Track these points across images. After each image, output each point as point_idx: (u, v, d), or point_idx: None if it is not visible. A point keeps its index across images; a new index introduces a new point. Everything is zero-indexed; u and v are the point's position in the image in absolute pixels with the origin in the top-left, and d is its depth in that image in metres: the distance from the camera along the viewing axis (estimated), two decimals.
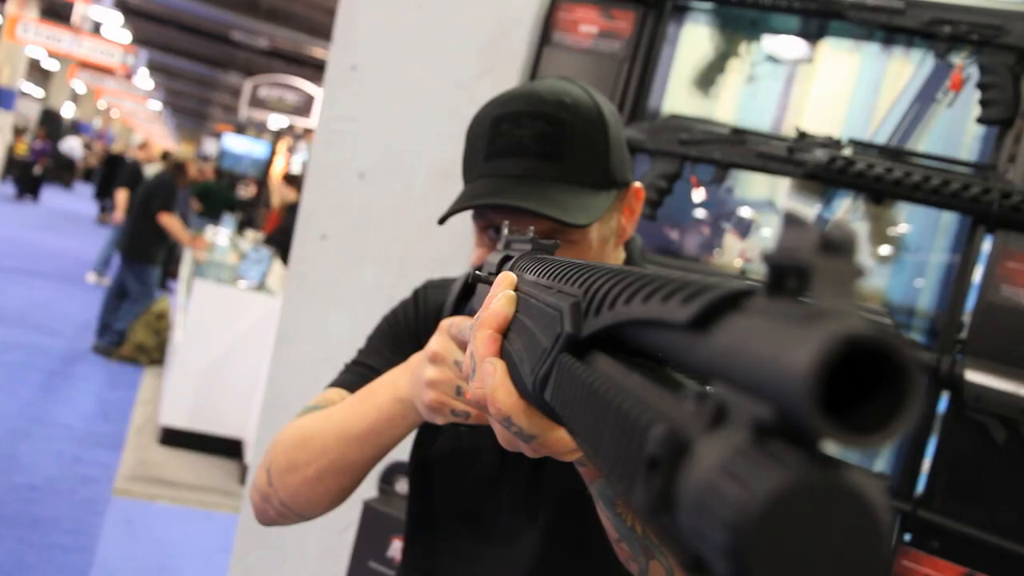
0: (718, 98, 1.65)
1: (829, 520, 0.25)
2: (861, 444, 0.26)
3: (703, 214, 1.61)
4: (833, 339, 0.25)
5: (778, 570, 0.25)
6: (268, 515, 1.08)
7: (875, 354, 0.26)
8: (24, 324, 6.76)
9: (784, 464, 0.26)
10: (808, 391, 0.25)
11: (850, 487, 0.25)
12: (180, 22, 15.10)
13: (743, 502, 0.25)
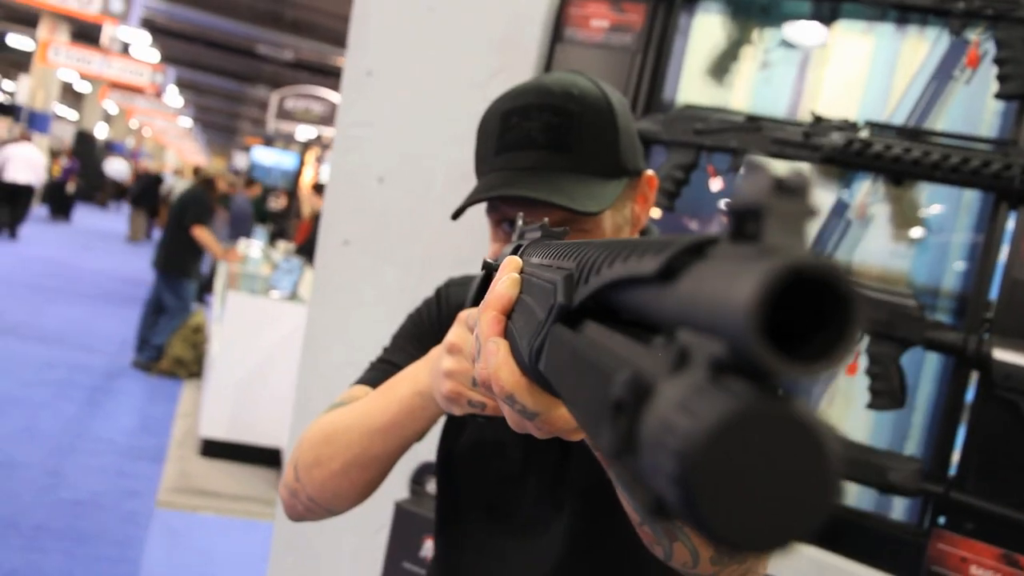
0: (732, 86, 1.65)
1: (775, 447, 0.26)
2: (807, 372, 0.26)
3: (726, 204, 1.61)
4: (774, 271, 0.25)
5: (725, 496, 0.26)
6: (297, 511, 1.10)
7: (818, 284, 0.26)
8: (65, 343, 6.90)
9: (732, 394, 0.26)
10: (751, 321, 0.25)
11: (797, 416, 0.26)
12: (206, 38, 15.32)
13: (690, 430, 0.26)
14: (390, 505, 1.75)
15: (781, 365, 0.26)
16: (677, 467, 0.26)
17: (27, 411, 5.08)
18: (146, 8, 13.03)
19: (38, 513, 3.76)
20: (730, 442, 0.26)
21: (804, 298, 0.27)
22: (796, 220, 0.28)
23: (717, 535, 0.26)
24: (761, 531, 0.26)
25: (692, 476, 0.26)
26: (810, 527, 0.26)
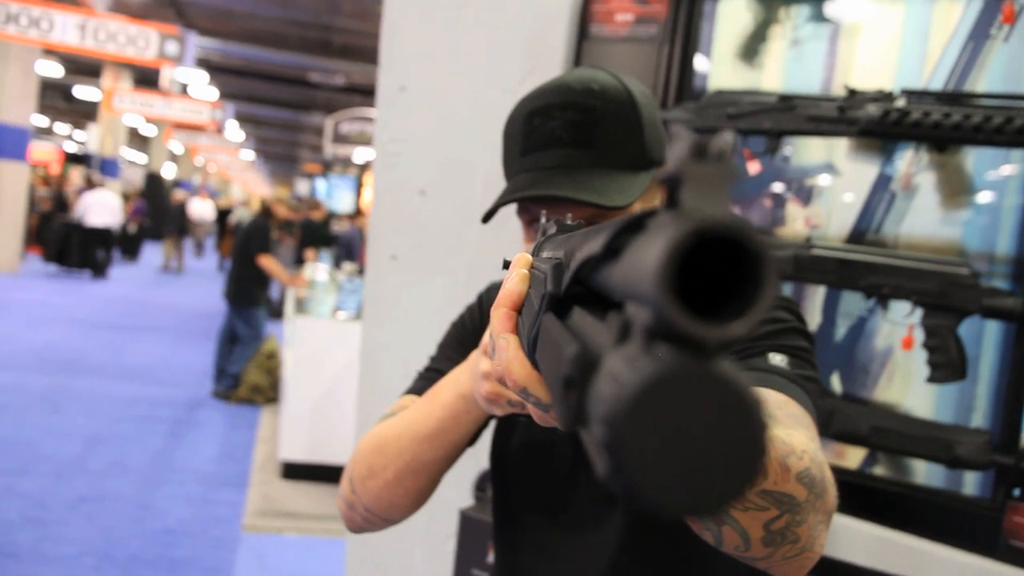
0: (763, 68, 1.62)
1: (699, 409, 0.26)
2: (722, 332, 0.27)
3: (780, 188, 1.59)
4: (676, 234, 0.26)
5: (651, 460, 0.26)
6: (356, 522, 1.12)
7: (729, 245, 0.27)
8: (146, 379, 7.16)
9: (655, 360, 0.27)
10: (659, 285, 0.26)
11: (719, 377, 0.26)
12: (260, 72, 15.72)
13: (614, 398, 0.26)
14: (457, 513, 1.77)
15: (695, 326, 0.26)
16: (604, 434, 0.27)
17: (115, 447, 5.28)
18: (200, 48, 13.45)
19: (131, 544, 3.91)
20: (651, 406, 0.26)
21: (723, 260, 0.27)
22: (716, 184, 0.29)
23: (646, 500, 0.26)
24: (691, 493, 0.26)
25: (617, 442, 0.26)
26: (740, 487, 0.27)
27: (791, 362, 0.95)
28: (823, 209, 1.56)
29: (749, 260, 0.27)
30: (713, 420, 0.27)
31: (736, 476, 0.27)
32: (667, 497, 0.26)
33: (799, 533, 0.76)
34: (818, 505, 0.77)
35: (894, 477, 1.50)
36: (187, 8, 12.28)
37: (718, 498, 0.27)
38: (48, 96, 18.43)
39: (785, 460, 0.74)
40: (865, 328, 1.52)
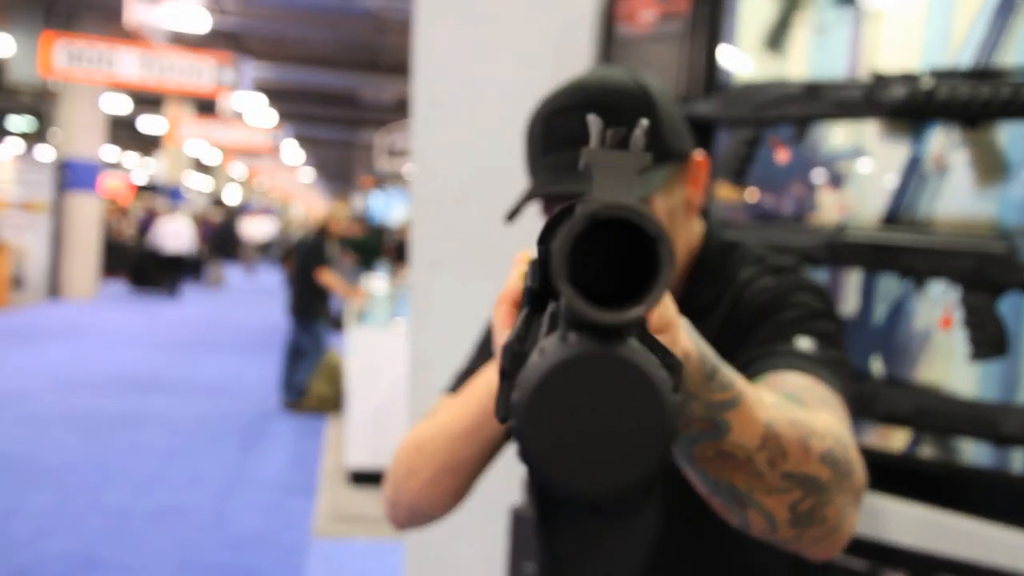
0: (788, 56, 1.63)
1: (603, 392, 0.26)
2: (621, 316, 0.27)
3: (811, 175, 1.60)
4: (574, 221, 0.27)
5: (558, 444, 0.26)
6: (399, 521, 1.16)
7: (628, 231, 0.27)
8: (218, 394, 7.39)
9: (562, 347, 0.27)
10: (556, 272, 0.27)
11: (620, 358, 0.26)
12: (314, 93, 16.03)
13: (521, 385, 0.27)
14: (508, 511, 1.81)
15: (590, 311, 0.27)
16: (517, 421, 0.27)
17: (191, 460, 5.48)
18: (256, 73, 13.80)
19: (208, 552, 4.06)
20: (553, 392, 0.26)
21: (628, 247, 0.29)
22: (623, 171, 0.30)
23: (556, 484, 0.27)
24: (599, 476, 0.26)
25: (523, 427, 0.27)
26: (649, 468, 0.27)
27: (819, 345, 0.97)
28: (855, 194, 1.56)
29: (647, 244, 0.28)
30: (618, 403, 0.26)
31: (644, 457, 0.27)
32: (575, 480, 0.26)
33: (827, 514, 0.77)
34: (844, 485, 0.78)
35: (941, 458, 1.49)
36: (242, 37, 12.62)
37: (628, 480, 0.27)
38: (115, 128, 19.11)
39: (806, 441, 0.75)
40: (903, 310, 1.52)
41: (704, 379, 0.69)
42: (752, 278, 1.08)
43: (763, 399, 0.76)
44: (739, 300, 1.07)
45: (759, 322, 1.03)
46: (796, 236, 1.55)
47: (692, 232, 1.11)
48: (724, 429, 0.71)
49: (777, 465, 0.74)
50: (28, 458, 5.30)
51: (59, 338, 9.83)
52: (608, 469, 0.27)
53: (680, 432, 0.72)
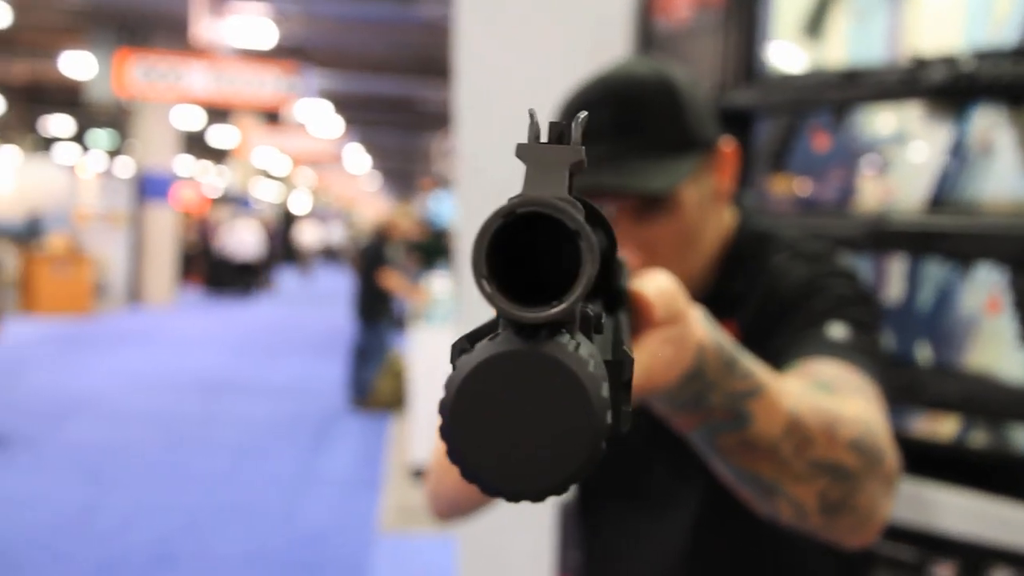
0: (827, 43, 1.62)
1: (525, 388, 0.26)
2: (543, 313, 0.26)
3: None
4: (491, 218, 0.27)
5: (482, 441, 0.26)
6: (441, 513, 1.17)
7: (546, 224, 0.26)
8: (287, 394, 7.60)
9: (489, 346, 0.27)
10: (475, 271, 0.27)
11: (542, 355, 0.26)
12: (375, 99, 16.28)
13: (448, 385, 0.27)
14: (557, 504, 1.84)
15: (512, 309, 0.27)
16: (442, 421, 0.27)
17: (261, 458, 5.65)
18: (321, 82, 14.10)
19: (278, 547, 4.19)
20: (475, 391, 0.26)
21: (556, 243, 0.28)
22: (556, 166, 0.29)
23: (482, 484, 0.26)
24: (526, 474, 0.26)
25: (447, 427, 0.27)
26: (577, 466, 0.26)
27: (853, 332, 0.96)
28: (898, 179, 1.55)
29: (570, 240, 0.27)
30: (543, 402, 0.26)
31: (571, 457, 0.26)
32: (501, 481, 0.26)
33: (858, 502, 0.77)
34: (875, 472, 0.77)
35: (992, 445, 1.47)
36: (306, 48, 12.90)
37: (556, 480, 0.26)
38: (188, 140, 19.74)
39: (832, 429, 0.75)
40: (949, 295, 1.50)
41: (723, 368, 0.69)
42: (784, 265, 1.08)
43: (787, 387, 0.76)
44: (772, 288, 1.07)
45: (791, 309, 1.03)
46: (837, 223, 1.54)
47: (723, 221, 1.11)
48: (746, 418, 0.72)
49: (803, 453, 0.74)
50: (109, 457, 5.54)
51: (139, 343, 10.22)
52: (534, 469, 0.26)
53: (708, 422, 0.73)
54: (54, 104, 16.79)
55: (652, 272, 0.67)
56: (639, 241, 1.03)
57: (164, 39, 12.12)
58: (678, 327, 0.64)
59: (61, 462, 5.40)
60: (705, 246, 1.08)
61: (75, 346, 9.74)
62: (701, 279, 1.09)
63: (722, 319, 1.08)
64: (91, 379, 7.89)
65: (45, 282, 11.83)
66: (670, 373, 0.65)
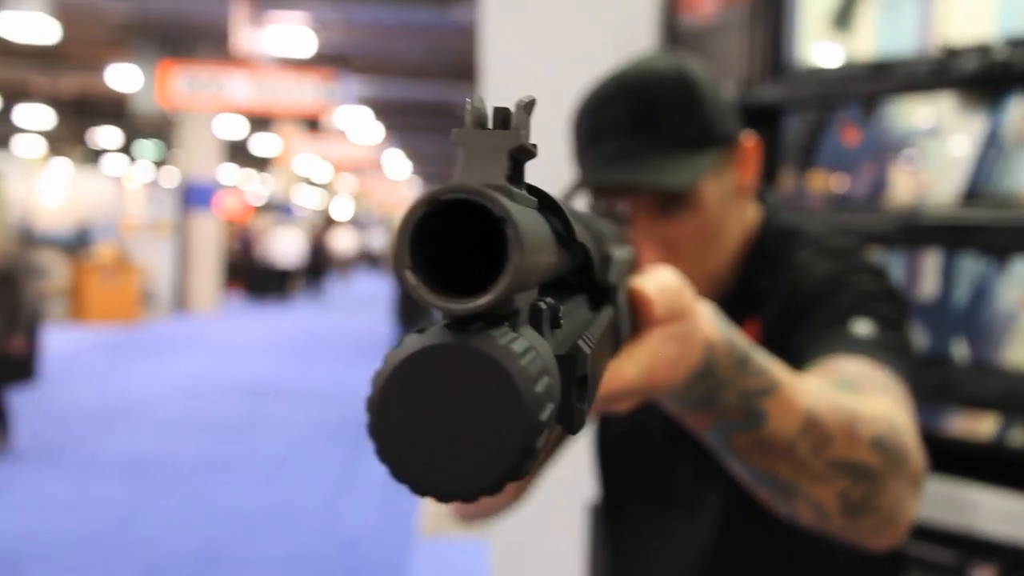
0: (856, 35, 1.60)
1: (453, 383, 0.25)
2: (468, 304, 0.25)
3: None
4: (414, 206, 0.26)
5: (408, 439, 0.25)
6: (465, 515, 1.16)
7: (472, 212, 0.25)
8: (330, 397, 7.68)
9: (416, 339, 0.26)
10: (398, 259, 0.25)
11: (469, 349, 0.24)
12: (413, 105, 16.39)
13: (374, 381, 0.27)
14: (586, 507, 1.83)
15: (436, 300, 0.25)
16: (368, 419, 0.27)
17: (304, 462, 5.72)
18: (360, 89, 14.23)
19: (321, 548, 4.23)
20: (401, 387, 0.25)
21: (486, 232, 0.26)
22: (493, 152, 0.28)
23: (410, 484, 0.25)
24: (454, 474, 0.25)
25: (372, 425, 0.26)
26: (508, 466, 0.25)
27: (878, 328, 0.94)
28: (930, 171, 1.51)
29: (496, 226, 0.26)
30: (470, 397, 0.25)
31: (500, 454, 0.25)
32: (427, 480, 0.25)
33: (881, 502, 0.75)
34: (899, 472, 0.76)
35: None
36: (345, 56, 13.04)
37: (485, 479, 0.25)
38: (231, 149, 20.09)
39: (852, 427, 0.74)
40: (985, 291, 1.46)
41: (734, 366, 0.68)
42: (808, 261, 1.06)
43: (803, 385, 0.74)
44: (795, 285, 1.05)
45: (815, 306, 1.01)
46: (869, 218, 1.51)
47: (746, 217, 1.10)
48: (760, 417, 0.70)
49: (821, 452, 0.73)
50: (156, 461, 5.65)
51: (184, 349, 10.41)
52: (464, 468, 0.25)
53: (721, 422, 0.71)
54: (102, 116, 17.19)
55: (656, 268, 0.66)
56: (659, 239, 1.02)
57: (206, 50, 12.33)
58: (683, 324, 0.63)
59: (108, 466, 5.52)
60: (727, 243, 1.07)
61: (122, 353, 9.95)
62: (724, 276, 1.07)
63: (746, 317, 1.07)
64: (137, 385, 8.06)
65: (94, 291, 12.11)
66: (676, 371, 0.64)
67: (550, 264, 0.32)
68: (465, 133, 0.29)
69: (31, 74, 13.80)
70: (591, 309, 0.47)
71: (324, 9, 10.67)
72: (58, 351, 9.03)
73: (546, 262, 0.31)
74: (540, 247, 0.29)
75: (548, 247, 0.31)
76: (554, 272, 0.35)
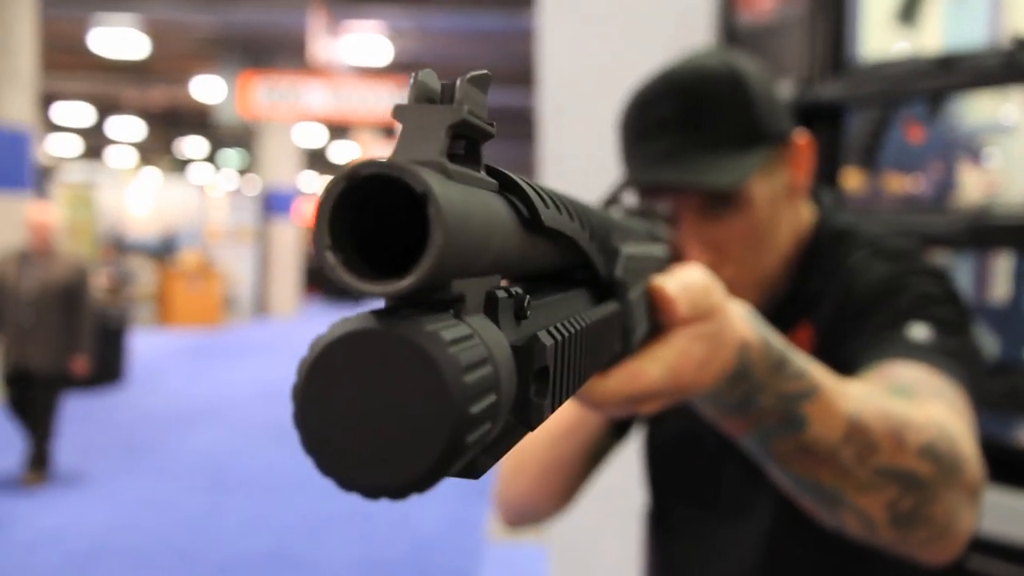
0: (921, 30, 1.53)
1: (377, 372, 0.23)
2: (388, 288, 0.24)
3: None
4: (332, 182, 0.24)
5: (332, 431, 0.24)
6: (510, 519, 1.17)
7: (396, 190, 0.24)
8: None
9: (340, 325, 0.25)
10: (317, 240, 0.24)
11: (393, 335, 0.23)
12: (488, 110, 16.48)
13: (298, 369, 0.25)
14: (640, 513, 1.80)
15: (352, 282, 0.24)
16: (293, 409, 0.25)
17: None
18: None
19: (391, 551, 4.29)
20: (323, 375, 0.24)
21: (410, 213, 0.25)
22: (432, 127, 0.26)
23: (335, 478, 0.24)
24: (375, 467, 0.23)
25: (297, 415, 0.25)
26: (433, 458, 0.23)
27: (937, 333, 0.90)
28: (1001, 169, 1.44)
29: (418, 204, 0.24)
30: (395, 386, 0.23)
31: (425, 448, 0.23)
32: (351, 473, 0.24)
33: (933, 513, 0.72)
34: (952, 481, 0.72)
35: None
36: (419, 64, 13.22)
37: (410, 473, 0.24)
38: (311, 157, 20.57)
39: (900, 434, 0.71)
40: None
41: (771, 368, 0.65)
42: (863, 263, 1.02)
43: (847, 390, 0.71)
44: (849, 288, 1.01)
45: (870, 310, 0.97)
46: (935, 219, 1.45)
47: (800, 217, 1.06)
48: (800, 422, 0.68)
49: (867, 460, 0.70)
50: (233, 462, 5.82)
51: (264, 353, 10.69)
52: (386, 463, 0.23)
53: (760, 426, 0.69)
54: (188, 127, 17.83)
55: (685, 267, 0.64)
56: (706, 240, 0.99)
57: (285, 60, 12.67)
58: (711, 323, 0.60)
59: (188, 466, 5.71)
60: (779, 244, 1.04)
61: (204, 356, 10.28)
62: (776, 279, 1.04)
63: (798, 320, 1.03)
64: (218, 388, 8.31)
65: (179, 296, 12.57)
66: (705, 372, 0.61)
67: (505, 249, 0.30)
68: (403, 108, 0.27)
69: (122, 88, 14.40)
70: (595, 305, 0.45)
71: (399, 17, 10.85)
72: (145, 354, 9.39)
73: (498, 246, 0.29)
74: (483, 229, 0.27)
75: (500, 230, 0.29)
76: (523, 260, 0.34)
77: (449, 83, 0.28)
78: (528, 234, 0.33)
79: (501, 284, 0.32)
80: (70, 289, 4.98)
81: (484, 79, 0.29)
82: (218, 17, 10.74)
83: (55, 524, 4.54)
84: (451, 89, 0.27)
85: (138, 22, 10.49)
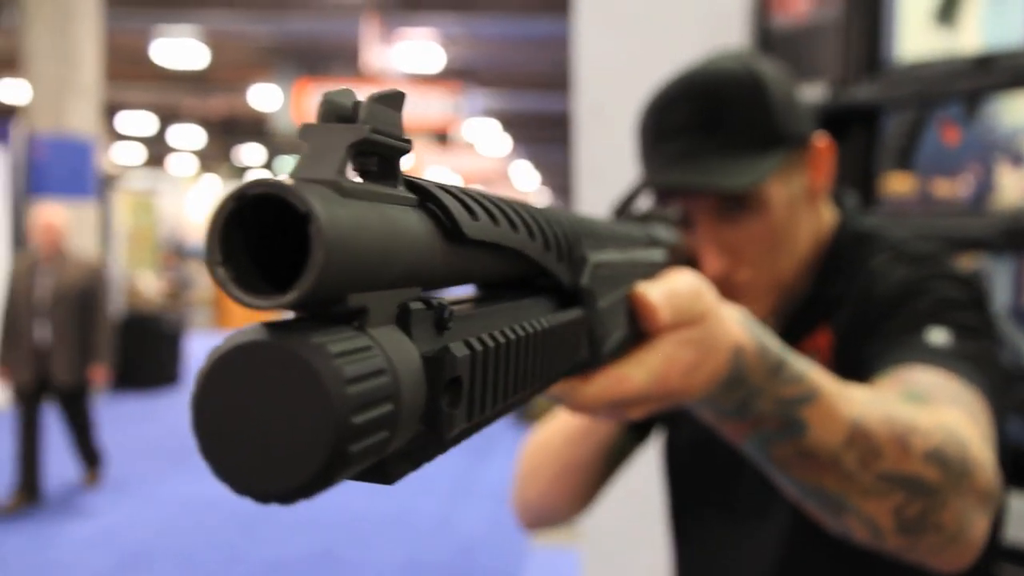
0: (959, 28, 1.50)
1: (264, 383, 0.24)
2: (273, 302, 0.25)
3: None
4: (223, 201, 0.25)
5: (222, 438, 0.25)
6: (527, 521, 1.18)
7: (284, 208, 0.25)
8: None
9: (233, 336, 0.26)
10: (207, 255, 0.25)
11: (277, 346, 0.24)
12: (538, 116, 16.54)
13: (195, 378, 0.26)
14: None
15: (242, 296, 0.25)
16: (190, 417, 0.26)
17: (421, 469, 5.83)
18: (488, 102, 14.49)
19: (435, 552, 4.32)
20: (214, 384, 0.25)
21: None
22: (333, 146, 0.27)
23: (229, 483, 0.25)
24: (260, 474, 0.25)
25: (192, 421, 0.26)
26: (315, 466, 0.24)
27: (957, 338, 0.88)
28: None
29: (303, 223, 0.25)
30: (281, 397, 0.24)
31: (309, 456, 0.24)
32: (238, 480, 0.25)
33: (942, 519, 0.71)
34: (962, 487, 0.71)
35: None
36: (472, 70, 13.31)
37: (293, 481, 0.25)
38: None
39: (905, 439, 0.70)
40: None
41: (768, 372, 0.65)
42: (884, 267, 1.01)
43: (849, 394, 0.70)
44: (869, 291, 1.00)
45: (889, 313, 0.95)
46: (972, 222, 1.42)
47: (820, 220, 1.05)
48: (800, 426, 0.67)
49: (870, 465, 0.69)
50: None
51: None
52: (273, 470, 0.25)
53: (758, 431, 0.68)
54: (246, 135, 18.22)
55: (673, 272, 0.64)
56: (722, 243, 0.99)
57: (339, 68, 12.87)
58: (700, 328, 0.60)
59: None
60: (798, 247, 1.02)
61: None
62: (795, 283, 1.03)
63: (817, 323, 1.02)
64: None
65: None
66: (694, 378, 0.61)
67: (420, 262, 0.31)
68: (307, 127, 0.28)
69: (183, 97, 14.78)
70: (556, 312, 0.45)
71: (451, 25, 10.94)
72: (202, 357, 9.59)
73: (408, 259, 0.30)
74: (381, 243, 0.28)
75: (408, 244, 0.30)
76: (449, 271, 0.34)
77: (356, 102, 0.28)
78: (454, 246, 0.34)
79: (422, 295, 0.33)
80: (85, 293, 4.77)
81: (396, 97, 0.30)
82: (274, 27, 10.96)
83: (108, 524, 4.68)
84: (353, 108, 0.28)
85: (198, 33, 10.77)
